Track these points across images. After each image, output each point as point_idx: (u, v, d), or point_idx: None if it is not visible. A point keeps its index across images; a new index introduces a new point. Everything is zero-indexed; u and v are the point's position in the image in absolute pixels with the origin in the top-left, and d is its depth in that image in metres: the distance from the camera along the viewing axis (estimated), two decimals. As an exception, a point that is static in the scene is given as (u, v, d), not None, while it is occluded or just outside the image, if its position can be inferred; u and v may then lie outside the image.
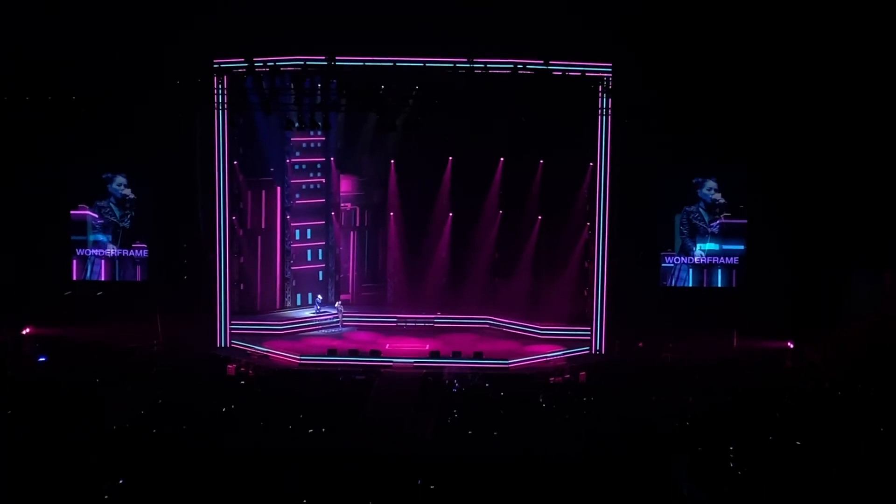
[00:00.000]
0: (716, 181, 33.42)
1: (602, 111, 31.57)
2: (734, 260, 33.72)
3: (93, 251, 34.23)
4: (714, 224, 33.60)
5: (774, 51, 30.80)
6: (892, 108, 30.71)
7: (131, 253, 34.21)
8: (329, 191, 36.90)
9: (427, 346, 32.75)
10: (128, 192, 33.89)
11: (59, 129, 32.68)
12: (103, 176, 33.92)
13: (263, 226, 35.96)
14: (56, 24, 30.89)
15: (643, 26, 30.59)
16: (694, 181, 33.52)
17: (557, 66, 30.62)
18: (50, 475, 19.06)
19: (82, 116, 32.20)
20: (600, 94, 31.28)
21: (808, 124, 31.49)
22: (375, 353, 31.74)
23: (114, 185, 33.99)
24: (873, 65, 30.47)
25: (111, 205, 34.06)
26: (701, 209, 33.67)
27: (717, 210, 33.55)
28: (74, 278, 34.30)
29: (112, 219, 34.09)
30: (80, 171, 33.96)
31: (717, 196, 33.45)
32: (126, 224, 34.04)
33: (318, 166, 36.75)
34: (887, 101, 30.65)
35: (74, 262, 34.30)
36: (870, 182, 31.62)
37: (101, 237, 34.16)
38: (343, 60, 30.42)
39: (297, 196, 36.43)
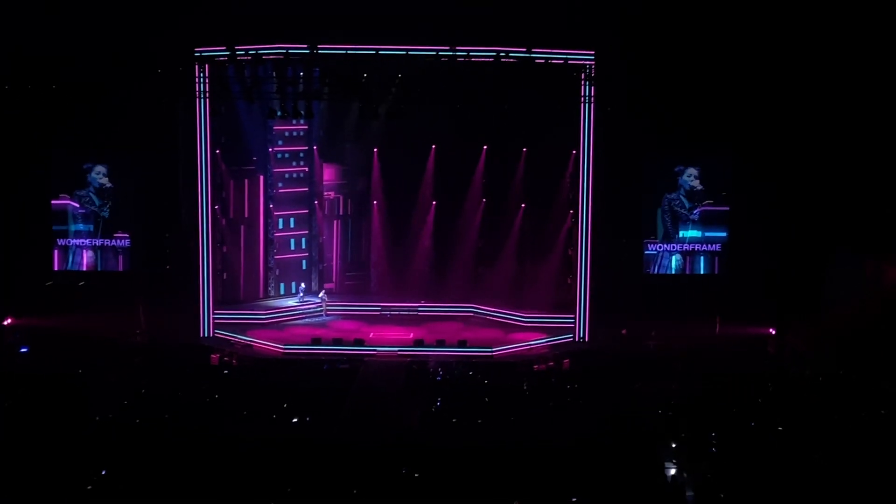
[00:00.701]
0: (697, 169, 33.48)
1: (585, 99, 31.58)
2: (717, 247, 33.79)
3: (74, 241, 34.05)
4: (695, 211, 33.65)
5: (755, 36, 30.80)
6: (873, 98, 30.77)
7: (113, 243, 34.02)
8: (312, 180, 36.80)
9: (411, 335, 32.74)
10: (105, 181, 33.68)
11: (40, 120, 32.43)
12: (84, 166, 33.73)
13: (246, 215, 35.85)
14: (43, 18, 30.62)
15: (626, 14, 30.54)
16: (676, 169, 33.56)
17: (540, 54, 30.62)
18: (33, 467, 18.94)
19: (64, 107, 31.98)
20: (583, 82, 31.31)
21: (790, 112, 31.54)
22: (359, 342, 31.71)
23: (93, 175, 33.77)
24: (854, 51, 30.52)
25: (91, 194, 33.86)
26: (682, 196, 33.71)
27: (698, 197, 33.61)
28: (56, 268, 34.09)
29: (92, 208, 33.89)
30: (61, 161, 33.75)
31: (696, 183, 33.51)
32: (105, 214, 33.85)
33: (301, 155, 36.63)
34: (868, 91, 30.72)
35: (56, 252, 34.09)
36: (850, 169, 31.71)
37: (81, 227, 33.97)
38: (325, 49, 30.32)
39: (280, 185, 36.31)
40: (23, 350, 30.64)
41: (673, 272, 33.91)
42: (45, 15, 30.55)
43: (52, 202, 33.81)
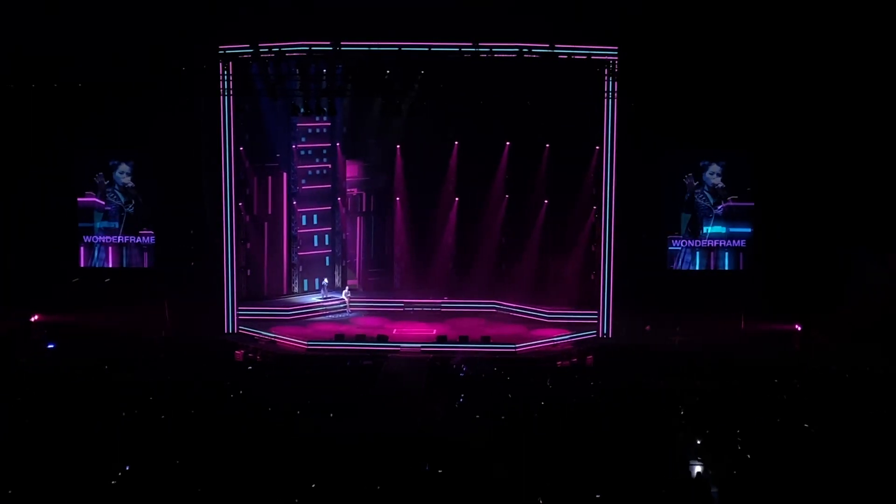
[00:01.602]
0: (720, 165, 33.33)
1: (608, 94, 31.49)
2: (741, 243, 33.64)
3: (99, 238, 34.25)
4: (719, 207, 33.51)
5: (778, 33, 30.61)
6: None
7: (138, 240, 34.22)
8: (335, 176, 36.85)
9: (434, 331, 32.76)
10: (128, 179, 33.88)
11: (65, 118, 32.70)
12: (109, 163, 33.92)
13: (270, 212, 35.94)
14: (60, 15, 30.80)
15: (650, 9, 30.44)
16: (701, 164, 33.41)
17: (563, 50, 30.53)
18: (58, 462, 19.07)
19: (90, 105, 32.21)
20: (606, 78, 31.22)
21: (813, 108, 31.35)
22: (383, 339, 31.74)
23: (117, 173, 33.97)
24: (879, 48, 30.26)
25: (116, 192, 34.07)
26: (705, 192, 33.57)
27: (721, 193, 33.45)
28: (82, 265, 34.33)
29: (117, 205, 34.08)
30: (87, 159, 33.99)
31: (718, 180, 33.35)
32: (130, 210, 34.04)
33: (324, 152, 36.69)
34: (893, 87, 30.48)
35: (81, 249, 34.33)
36: (874, 164, 31.48)
37: (106, 224, 34.17)
38: (348, 45, 30.36)
39: (304, 182, 36.38)
40: (50, 346, 30.87)
41: (697, 268, 33.78)
42: (68, 16, 30.70)
43: (79, 199, 34.03)
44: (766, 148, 32.30)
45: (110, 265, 34.39)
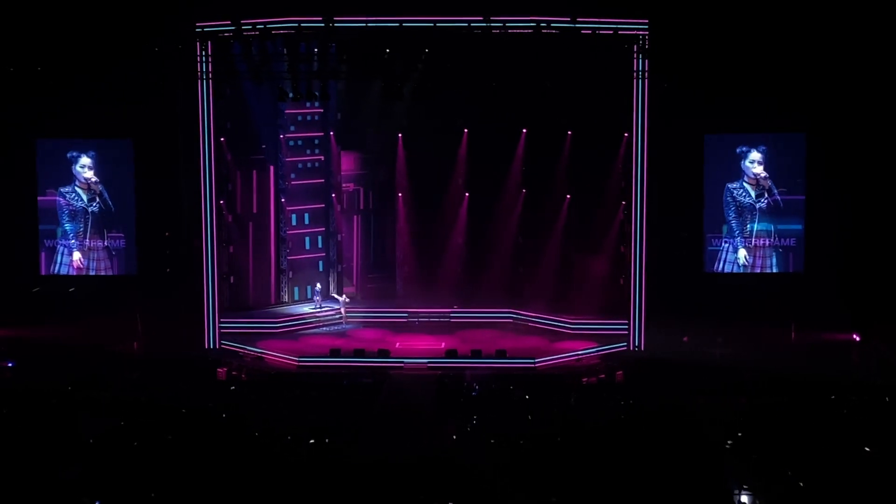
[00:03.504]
0: (762, 153, 33.32)
1: (637, 74, 31.46)
2: (791, 241, 33.61)
3: (63, 242, 34.31)
4: (762, 200, 33.47)
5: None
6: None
7: (106, 243, 34.27)
8: (329, 170, 36.86)
9: (443, 345, 32.73)
10: (91, 174, 33.92)
11: (23, 106, 32.71)
12: (68, 155, 33.93)
13: (255, 210, 35.96)
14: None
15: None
16: (737, 150, 33.36)
17: (586, 24, 30.48)
18: (21, 492, 19.05)
19: (48, 91, 32.18)
20: (635, 55, 31.17)
21: (874, 85, 31.20)
22: (384, 353, 31.71)
23: (77, 168, 34.02)
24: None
25: (76, 189, 34.11)
26: (746, 184, 33.54)
27: (765, 185, 33.40)
28: (43, 273, 34.37)
29: (80, 204, 34.13)
30: (46, 152, 34.01)
31: (760, 169, 33.33)
32: (95, 209, 34.07)
33: (316, 142, 36.70)
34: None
35: (42, 254, 34.39)
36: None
37: (70, 226, 34.23)
38: (342, 21, 30.34)
39: (293, 176, 36.40)
40: (9, 364, 30.86)
41: (740, 270, 33.72)
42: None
43: (39, 198, 34.10)
44: (822, 131, 32.26)
45: (75, 272, 34.40)
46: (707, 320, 31.81)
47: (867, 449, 21.74)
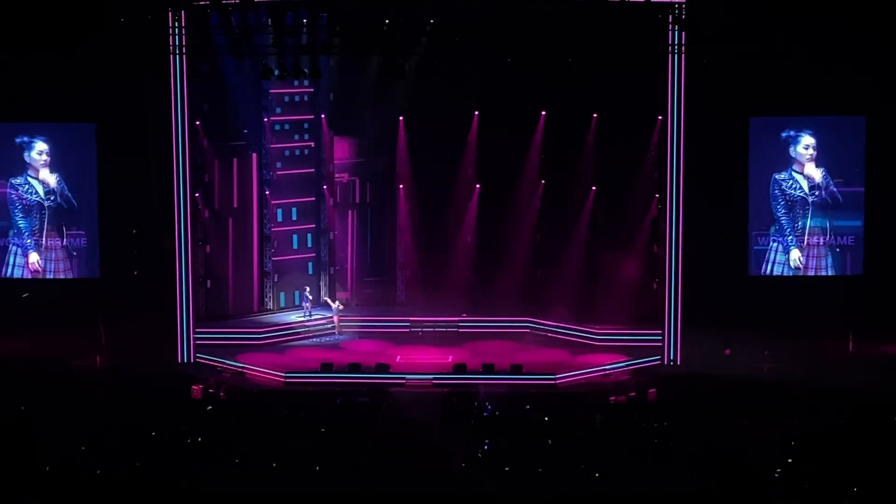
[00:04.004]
0: (815, 137, 33.27)
1: (673, 48, 31.45)
2: (849, 240, 33.62)
3: (14, 241, 34.33)
4: (816, 193, 33.45)
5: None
6: None
7: (65, 242, 34.29)
8: (320, 158, 36.88)
9: (450, 358, 32.76)
10: (45, 161, 33.94)
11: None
12: (17, 141, 33.95)
13: (235, 205, 36.00)
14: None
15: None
16: (783, 135, 33.34)
17: (615, -9, 30.46)
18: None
19: (3, 69, 32.26)
20: (671, 27, 31.16)
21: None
22: (383, 368, 31.71)
23: (31, 154, 34.00)
24: None
25: (30, 180, 34.12)
26: (797, 174, 33.51)
27: (820, 175, 33.37)
28: (-7, 276, 34.48)
29: (35, 198, 34.14)
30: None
31: (813, 157, 33.25)
32: (51, 203, 34.10)
33: (306, 126, 36.74)
34: None
35: (-8, 254, 34.48)
36: None
37: (23, 223, 34.24)
38: (335, -12, 30.35)
39: (279, 165, 36.42)
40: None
41: (790, 273, 33.72)
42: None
43: (-12, 191, 34.21)
44: (884, 114, 32.17)
45: (30, 275, 34.43)
46: (752, 330, 31.83)
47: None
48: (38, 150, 34.18)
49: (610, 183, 34.64)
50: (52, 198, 34.25)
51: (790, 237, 33.88)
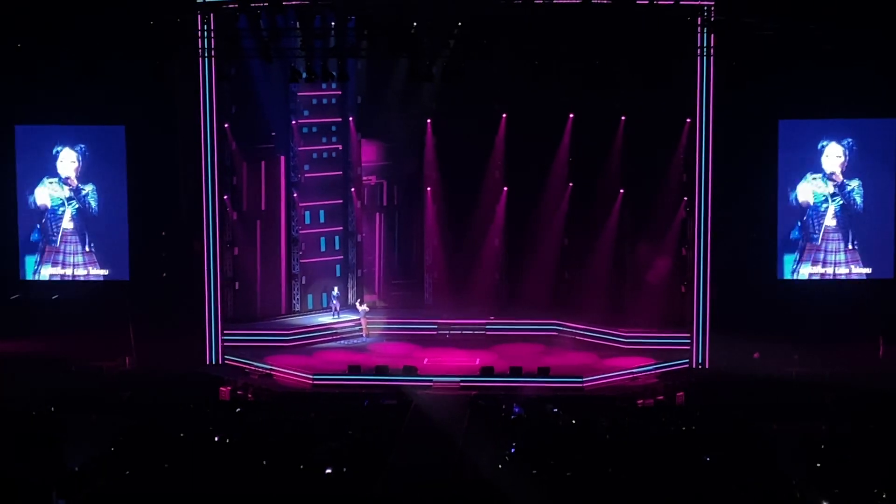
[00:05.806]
0: (846, 140, 33.17)
1: (702, 51, 31.42)
2: (878, 244, 33.50)
3: (43, 242, 34.49)
4: (847, 196, 33.31)
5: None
6: None
7: (94, 244, 34.45)
8: (347, 161, 36.94)
9: (477, 361, 32.75)
10: (77, 166, 34.19)
11: (6, 92, 32.92)
12: (50, 145, 34.17)
13: (264, 207, 36.07)
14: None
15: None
16: (817, 139, 33.24)
17: (643, -7, 30.39)
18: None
19: (33, 71, 32.41)
20: (700, 29, 31.13)
21: None
22: (410, 371, 31.74)
23: (61, 156, 34.25)
24: None
25: (61, 182, 34.33)
26: (826, 177, 33.44)
27: (851, 178, 33.24)
28: (23, 278, 34.57)
29: (66, 199, 34.30)
30: (26, 142, 34.26)
31: (843, 159, 33.18)
32: (82, 204, 34.30)
33: (334, 129, 36.82)
34: None
35: (23, 256, 34.58)
36: None
37: (55, 224, 34.39)
38: (363, -10, 30.40)
39: (307, 168, 36.50)
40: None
41: (819, 277, 33.52)
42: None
43: (21, 194, 34.31)
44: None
45: (59, 277, 34.59)
46: (781, 334, 31.74)
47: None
48: (68, 152, 34.37)
49: (638, 185, 34.58)
50: (82, 199, 34.41)
51: (819, 241, 33.73)
